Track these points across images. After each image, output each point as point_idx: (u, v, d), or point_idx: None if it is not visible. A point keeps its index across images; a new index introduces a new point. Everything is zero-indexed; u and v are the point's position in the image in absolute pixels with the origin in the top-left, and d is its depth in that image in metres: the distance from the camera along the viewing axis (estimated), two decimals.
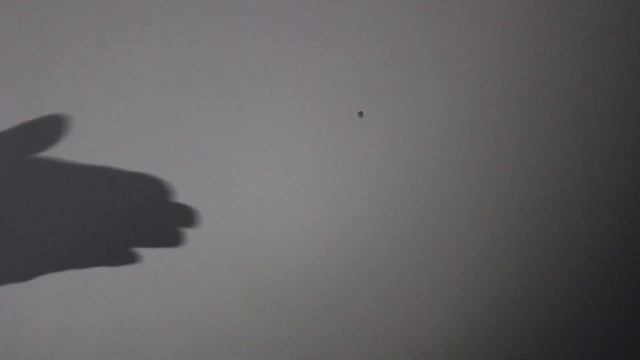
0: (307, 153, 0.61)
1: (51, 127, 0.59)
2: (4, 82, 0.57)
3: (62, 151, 0.58)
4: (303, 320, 0.61)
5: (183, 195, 0.59)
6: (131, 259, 0.58)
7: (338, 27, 0.61)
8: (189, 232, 0.59)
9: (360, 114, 0.62)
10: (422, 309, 0.63)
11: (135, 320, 0.59)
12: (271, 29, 0.61)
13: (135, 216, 0.58)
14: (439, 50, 0.63)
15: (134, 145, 0.59)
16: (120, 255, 0.58)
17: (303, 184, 0.61)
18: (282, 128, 0.61)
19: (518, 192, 0.64)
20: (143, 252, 0.58)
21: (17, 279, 0.57)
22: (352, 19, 0.62)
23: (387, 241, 0.62)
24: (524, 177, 0.64)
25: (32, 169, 0.58)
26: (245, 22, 0.60)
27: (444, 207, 0.63)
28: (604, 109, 0.65)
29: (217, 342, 0.60)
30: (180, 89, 0.59)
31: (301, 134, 0.61)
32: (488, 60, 0.63)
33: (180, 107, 0.59)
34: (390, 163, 0.62)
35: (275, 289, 0.61)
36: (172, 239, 0.59)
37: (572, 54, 0.65)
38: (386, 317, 0.63)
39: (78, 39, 0.58)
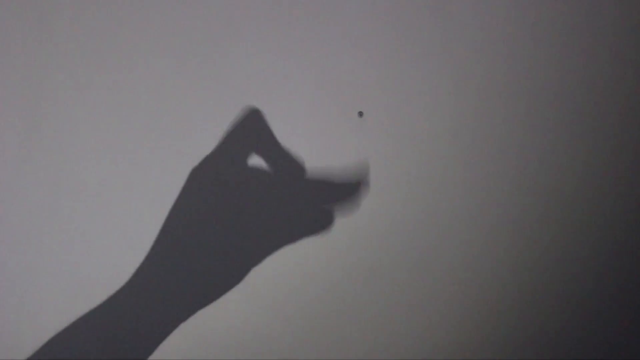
0: (307, 153, 0.61)
1: (51, 128, 0.59)
2: (4, 82, 0.57)
3: (61, 153, 0.58)
4: (303, 320, 0.61)
5: (183, 195, 0.59)
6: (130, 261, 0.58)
7: (338, 27, 0.61)
8: (189, 232, 0.59)
9: (360, 114, 0.61)
10: (423, 309, 0.63)
11: (136, 320, 0.59)
12: (271, 28, 0.61)
13: (134, 217, 0.58)
14: (439, 51, 0.62)
15: (134, 145, 0.59)
16: (119, 257, 0.58)
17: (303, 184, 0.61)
18: (282, 128, 0.61)
19: (520, 192, 0.64)
20: (143, 252, 0.58)
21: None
22: (352, 19, 0.62)
23: (387, 241, 0.62)
24: (526, 178, 0.64)
25: (32, 170, 0.59)
26: (245, 21, 0.60)
27: (445, 207, 0.63)
28: (609, 109, 0.65)
29: (217, 342, 0.60)
30: (179, 88, 0.59)
31: (301, 134, 0.61)
32: (489, 59, 0.63)
33: (180, 107, 0.60)
34: (390, 163, 0.62)
35: (275, 289, 0.61)
36: (172, 239, 0.59)
37: (574, 54, 0.65)
38: (386, 317, 0.62)
39: (78, 38, 0.59)
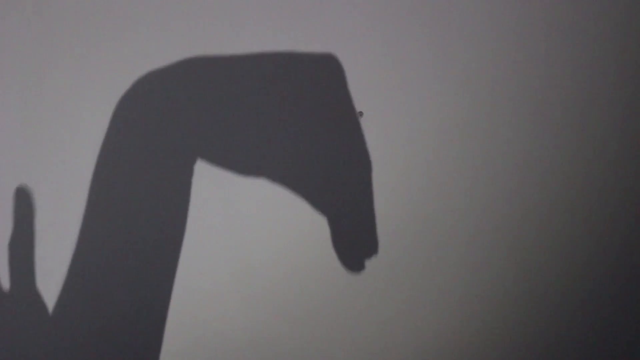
0: (307, 153, 0.61)
1: (50, 129, 0.59)
2: (4, 82, 0.58)
3: (63, 151, 0.58)
4: (302, 321, 0.62)
5: (182, 196, 0.59)
6: (130, 259, 0.58)
7: (338, 27, 0.61)
8: (189, 233, 0.59)
9: (361, 114, 0.61)
10: (422, 308, 0.63)
11: (135, 320, 0.59)
12: (271, 28, 0.61)
13: (135, 216, 0.58)
14: (438, 51, 0.62)
15: (134, 145, 0.59)
16: (119, 254, 0.59)
17: (303, 185, 0.61)
18: (281, 128, 0.60)
19: (518, 191, 0.63)
20: (143, 252, 0.59)
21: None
22: (351, 19, 0.61)
23: (386, 242, 0.62)
24: (523, 177, 0.63)
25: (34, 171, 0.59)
26: (245, 21, 0.60)
27: (444, 207, 0.63)
28: (601, 109, 0.65)
29: (217, 342, 0.61)
30: (179, 88, 0.59)
31: (301, 134, 0.61)
32: (487, 60, 0.63)
33: (180, 107, 0.60)
34: (390, 163, 0.62)
35: (275, 290, 0.61)
36: (172, 239, 0.59)
37: (569, 55, 0.64)
38: (385, 317, 0.63)
39: (79, 38, 0.59)
